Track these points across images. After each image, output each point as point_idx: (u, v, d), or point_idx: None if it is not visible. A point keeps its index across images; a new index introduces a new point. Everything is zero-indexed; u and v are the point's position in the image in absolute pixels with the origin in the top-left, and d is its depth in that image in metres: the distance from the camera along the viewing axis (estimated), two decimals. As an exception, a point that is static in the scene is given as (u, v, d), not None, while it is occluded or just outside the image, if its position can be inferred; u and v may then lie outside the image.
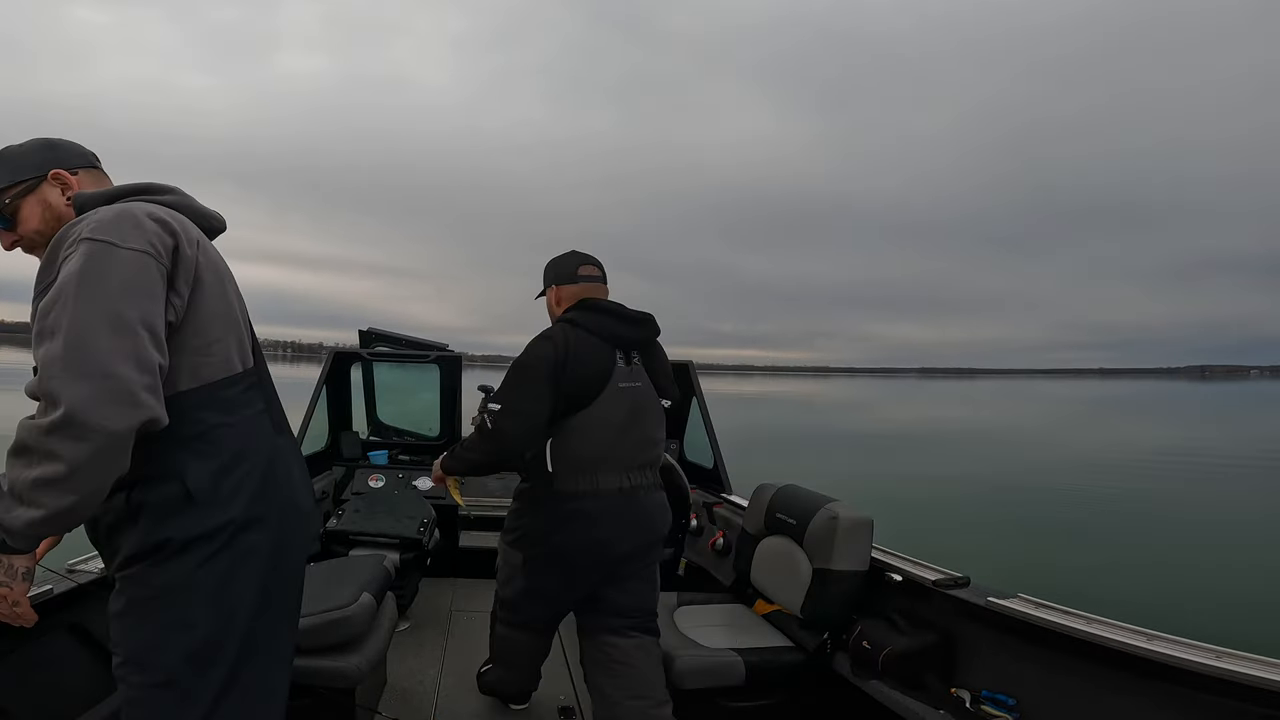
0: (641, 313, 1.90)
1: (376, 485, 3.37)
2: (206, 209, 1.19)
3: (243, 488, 1.04)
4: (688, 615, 2.31)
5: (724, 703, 2.01)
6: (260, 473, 1.08)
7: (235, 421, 1.07)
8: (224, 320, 1.10)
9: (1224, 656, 1.26)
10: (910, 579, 1.94)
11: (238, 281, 1.20)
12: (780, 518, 2.31)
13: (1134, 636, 1.39)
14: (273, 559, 1.08)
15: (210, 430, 1.03)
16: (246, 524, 1.04)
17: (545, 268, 2.02)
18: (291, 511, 1.14)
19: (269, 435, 1.14)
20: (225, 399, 1.06)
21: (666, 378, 1.94)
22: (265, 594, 1.07)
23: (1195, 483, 12.72)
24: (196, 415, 1.02)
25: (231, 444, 1.05)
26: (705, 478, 3.58)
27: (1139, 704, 1.36)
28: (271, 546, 1.08)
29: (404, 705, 2.29)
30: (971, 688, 1.70)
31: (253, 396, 1.13)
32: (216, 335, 1.07)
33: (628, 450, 1.82)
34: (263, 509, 1.07)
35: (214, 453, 1.02)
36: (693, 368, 3.86)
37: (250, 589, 1.04)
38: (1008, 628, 1.65)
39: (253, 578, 1.05)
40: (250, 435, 1.09)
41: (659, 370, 1.92)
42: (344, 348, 3.81)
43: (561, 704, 2.34)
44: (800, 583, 2.10)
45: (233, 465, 1.04)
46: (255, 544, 1.05)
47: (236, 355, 1.11)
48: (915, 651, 1.79)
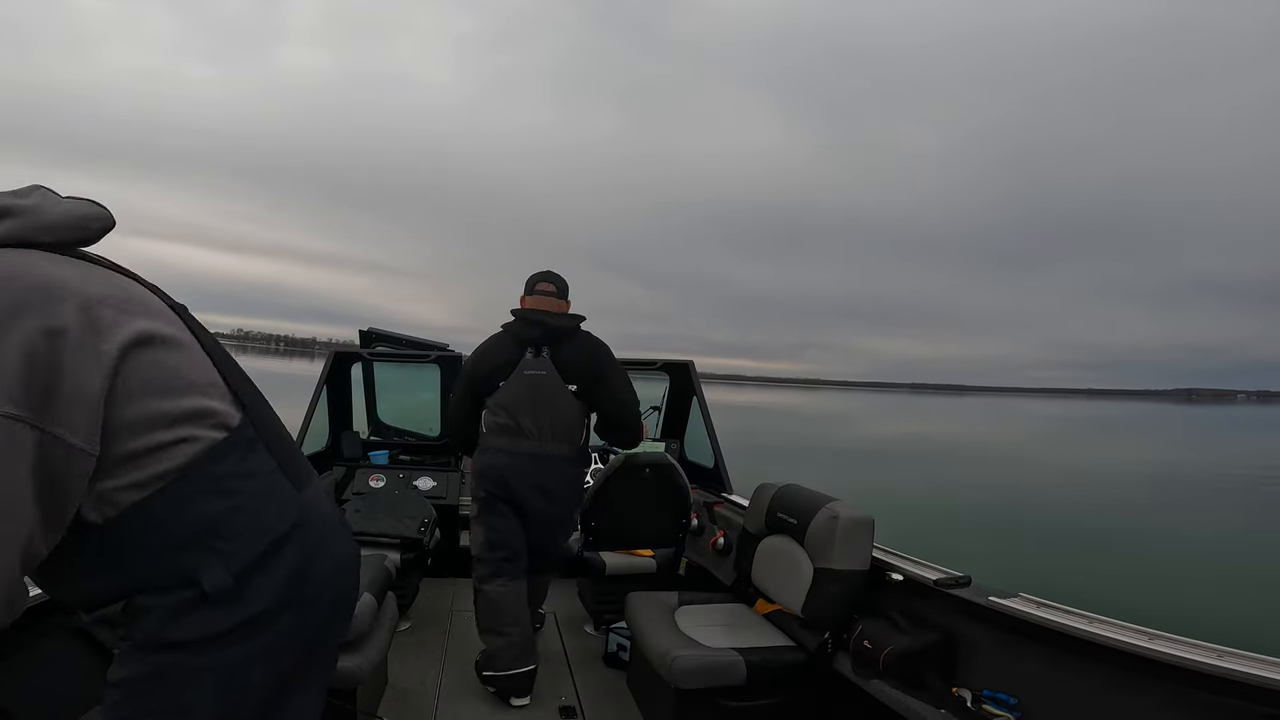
0: (544, 317, 2.38)
1: (377, 485, 3.37)
2: (74, 209, 0.81)
3: (274, 576, 0.85)
4: (688, 615, 2.31)
5: (725, 702, 2.01)
6: (293, 552, 0.87)
7: (244, 501, 0.84)
8: (180, 390, 0.80)
9: (1225, 656, 1.26)
10: (911, 578, 1.94)
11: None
12: (781, 517, 2.31)
13: (1135, 636, 1.39)
14: (306, 637, 0.90)
15: (215, 523, 0.81)
16: (278, 610, 0.85)
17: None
18: (329, 581, 0.94)
19: (291, 499, 0.90)
20: (219, 476, 0.82)
21: (572, 366, 2.38)
22: (289, 676, 0.89)
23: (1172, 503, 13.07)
24: (190, 512, 0.79)
25: (249, 529, 0.83)
26: (706, 477, 3.58)
27: (1140, 703, 1.36)
28: (306, 626, 0.89)
29: (404, 705, 2.29)
30: (973, 687, 1.70)
31: (256, 457, 0.87)
32: (176, 416, 0.79)
33: (537, 421, 2.37)
34: (298, 589, 0.87)
35: (231, 548, 0.81)
36: (693, 368, 3.86)
37: (273, 673, 0.87)
38: (1009, 627, 1.65)
39: (280, 661, 0.87)
40: (269, 509, 0.87)
41: (565, 360, 2.38)
42: (345, 347, 3.81)
43: (562, 704, 2.34)
44: (801, 582, 2.09)
45: (258, 556, 0.83)
46: (288, 626, 0.86)
47: (216, 418, 0.84)
48: (916, 651, 1.78)
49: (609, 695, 2.44)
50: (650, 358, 3.96)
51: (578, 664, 2.68)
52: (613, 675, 2.59)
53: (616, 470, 2.84)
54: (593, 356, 2.41)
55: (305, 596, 0.88)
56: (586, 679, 2.55)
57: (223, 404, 0.86)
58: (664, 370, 4.02)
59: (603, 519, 2.90)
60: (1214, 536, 10.12)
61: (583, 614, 3.11)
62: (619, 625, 2.68)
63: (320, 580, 0.91)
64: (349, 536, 1.03)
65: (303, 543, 0.89)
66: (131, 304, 0.78)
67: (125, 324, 0.75)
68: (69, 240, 0.79)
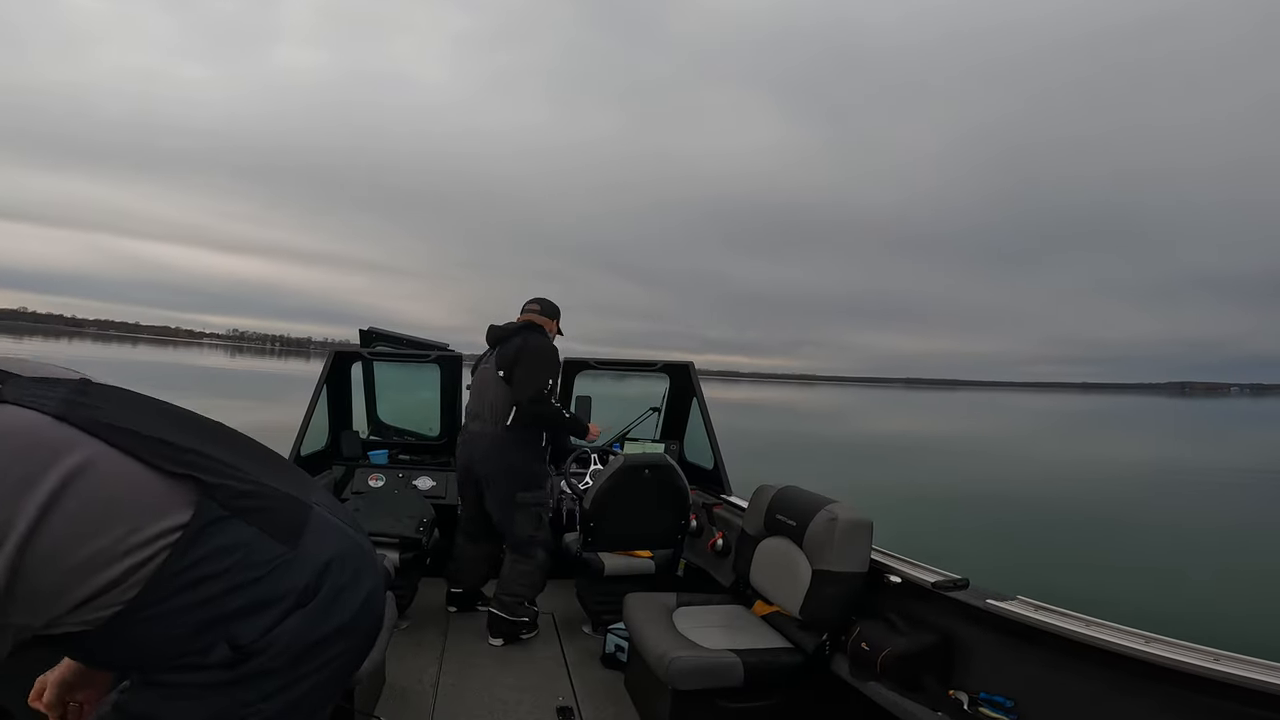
0: (498, 327, 3.02)
1: (376, 485, 3.38)
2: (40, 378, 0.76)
3: (304, 624, 0.81)
4: (687, 616, 2.32)
5: (723, 703, 2.01)
6: (319, 602, 0.83)
7: (243, 582, 0.78)
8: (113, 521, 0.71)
9: (1222, 659, 1.26)
10: (909, 581, 1.94)
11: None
12: (780, 519, 2.31)
13: (1132, 639, 1.39)
14: (334, 672, 0.87)
15: (224, 607, 0.76)
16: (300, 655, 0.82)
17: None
18: (353, 621, 0.89)
19: (282, 559, 0.82)
20: (198, 565, 0.76)
21: (504, 358, 2.89)
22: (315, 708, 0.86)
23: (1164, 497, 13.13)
24: (181, 605, 0.74)
25: (259, 606, 0.79)
26: (705, 478, 3.59)
27: (1137, 706, 1.36)
28: (330, 663, 0.86)
29: (402, 704, 2.29)
30: (970, 689, 1.70)
31: (230, 531, 0.79)
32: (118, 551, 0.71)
33: (479, 406, 2.99)
34: (319, 632, 0.83)
35: (251, 620, 0.77)
36: (693, 369, 3.86)
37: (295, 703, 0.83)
38: (1006, 630, 1.65)
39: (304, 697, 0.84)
40: (272, 579, 0.81)
41: (500, 355, 2.92)
42: (345, 347, 3.81)
43: (560, 704, 2.34)
44: (799, 584, 2.10)
45: (280, 617, 0.80)
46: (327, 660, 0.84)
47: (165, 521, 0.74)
48: (914, 653, 1.78)
49: (607, 696, 2.44)
50: (650, 359, 3.97)
51: (575, 664, 2.68)
52: (611, 676, 2.59)
53: (616, 471, 2.84)
54: (519, 348, 2.87)
55: (331, 635, 0.85)
56: (584, 680, 2.55)
57: (168, 504, 0.75)
58: (664, 371, 4.02)
59: (602, 520, 2.90)
60: (1206, 531, 10.13)
61: (581, 615, 3.11)
62: (617, 626, 2.68)
63: (347, 624, 0.87)
64: (373, 576, 0.95)
65: (322, 593, 0.84)
66: (29, 452, 0.68)
67: (34, 482, 0.66)
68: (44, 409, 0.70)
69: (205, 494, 0.78)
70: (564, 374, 3.97)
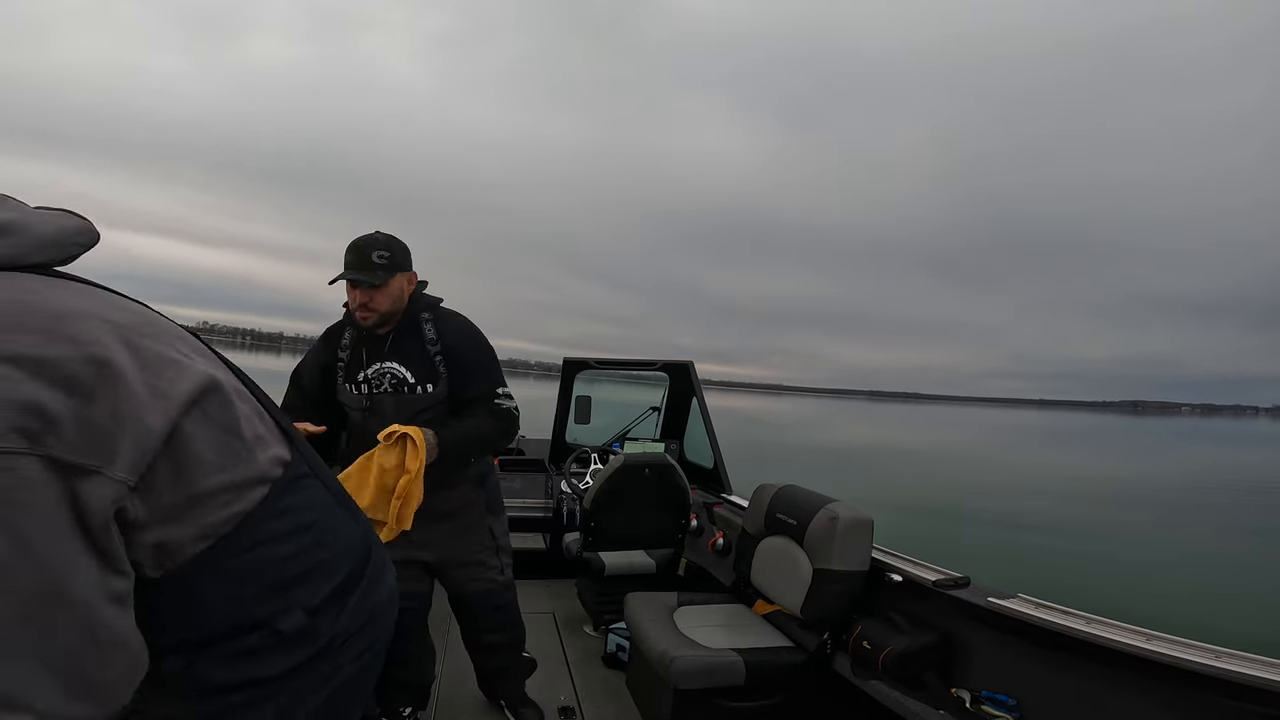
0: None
1: None
2: (58, 223, 0.68)
3: (344, 608, 0.81)
4: (688, 615, 2.32)
5: (724, 703, 2.01)
6: (362, 585, 0.84)
7: (307, 544, 0.78)
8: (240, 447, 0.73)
9: (1223, 656, 1.27)
10: (910, 579, 1.94)
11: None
12: (780, 518, 2.31)
13: (1134, 637, 1.39)
14: (362, 666, 0.86)
15: (285, 567, 0.76)
16: (344, 640, 0.81)
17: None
18: (386, 610, 0.91)
19: (353, 530, 0.87)
20: (281, 519, 0.77)
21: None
22: (340, 705, 0.85)
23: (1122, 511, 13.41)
24: (258, 558, 0.73)
25: (317, 574, 0.79)
26: (705, 478, 3.59)
27: (1139, 704, 1.36)
28: (364, 654, 0.86)
29: None
30: (971, 688, 1.70)
31: (312, 492, 0.82)
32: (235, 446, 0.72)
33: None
34: (363, 620, 0.84)
35: (305, 592, 0.77)
36: (693, 369, 3.86)
37: (326, 699, 0.82)
38: (1008, 628, 1.65)
39: (333, 690, 0.82)
40: (335, 549, 0.82)
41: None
42: None
43: (561, 704, 2.34)
44: (800, 583, 2.10)
45: (329, 596, 0.79)
46: (352, 655, 0.83)
47: (273, 460, 0.77)
48: (915, 651, 1.79)
49: (608, 696, 2.44)
50: (650, 359, 3.98)
51: (577, 664, 2.68)
52: (612, 676, 2.59)
53: (616, 471, 2.84)
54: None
55: (366, 627, 0.84)
56: (586, 679, 2.55)
57: (275, 443, 0.78)
58: (663, 371, 4.02)
59: (602, 519, 2.90)
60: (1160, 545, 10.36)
61: (582, 614, 3.11)
62: (618, 626, 2.69)
63: (379, 610, 0.88)
64: (392, 568, 0.97)
65: (367, 576, 0.86)
66: (169, 337, 0.68)
67: (181, 366, 0.66)
68: (55, 260, 0.67)
69: (295, 449, 0.81)
70: (564, 374, 3.97)
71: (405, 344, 1.86)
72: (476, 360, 1.89)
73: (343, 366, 1.90)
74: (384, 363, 1.85)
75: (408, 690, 2.09)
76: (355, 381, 1.87)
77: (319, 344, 1.97)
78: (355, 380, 1.87)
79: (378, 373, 1.85)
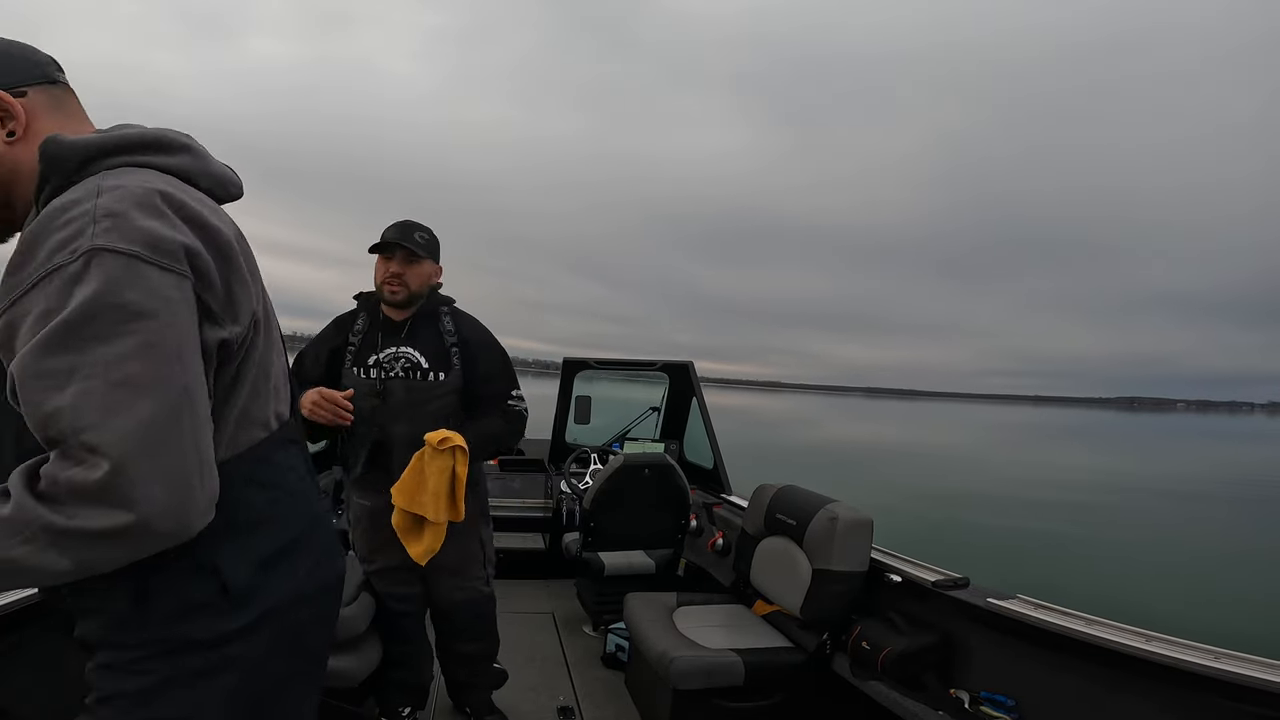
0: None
1: None
2: (224, 170, 0.84)
3: (286, 573, 0.82)
4: (687, 615, 2.32)
5: (723, 703, 2.01)
6: (306, 551, 0.86)
7: (280, 496, 0.83)
8: (272, 355, 0.84)
9: (1221, 657, 1.27)
10: (910, 580, 1.94)
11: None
12: (780, 518, 2.31)
13: (1133, 638, 1.39)
14: (307, 637, 0.88)
15: (251, 512, 0.79)
16: (286, 608, 0.83)
17: None
18: (332, 583, 0.93)
19: (313, 498, 0.91)
20: (269, 467, 0.82)
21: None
22: (287, 676, 0.86)
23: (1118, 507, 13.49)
24: (235, 496, 0.75)
25: (277, 526, 0.82)
26: (705, 478, 3.59)
27: (1138, 705, 1.37)
28: (307, 625, 0.87)
29: None
30: (971, 688, 1.70)
31: (294, 455, 0.88)
32: (263, 384, 0.81)
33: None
34: (304, 587, 0.86)
35: (255, 542, 0.79)
36: (692, 369, 3.86)
37: (274, 672, 0.83)
38: (1007, 629, 1.65)
39: (281, 660, 0.83)
40: (297, 507, 0.86)
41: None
42: None
43: (561, 704, 2.34)
44: (800, 583, 2.10)
45: (278, 552, 0.81)
46: (292, 624, 0.84)
47: (279, 410, 0.85)
48: (914, 652, 1.79)
49: (607, 696, 2.44)
50: (649, 359, 3.98)
51: (576, 664, 2.68)
52: (611, 676, 2.59)
53: (616, 471, 2.84)
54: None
55: (309, 595, 0.86)
56: (585, 679, 2.55)
57: (283, 402, 0.87)
58: (663, 371, 4.02)
59: (602, 519, 2.90)
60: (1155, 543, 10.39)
61: (581, 614, 3.11)
62: (618, 626, 2.68)
63: (323, 580, 0.90)
64: (340, 545, 1.00)
65: (314, 542, 0.89)
66: (257, 269, 0.83)
67: (256, 274, 0.81)
68: (214, 194, 0.82)
69: (292, 415, 0.90)
70: (564, 374, 3.97)
71: (422, 331, 1.88)
72: (495, 361, 1.94)
73: (353, 350, 1.90)
74: (400, 346, 1.86)
75: (406, 690, 2.09)
76: (365, 365, 1.86)
77: (329, 328, 1.97)
78: (365, 364, 1.86)
79: (390, 356, 1.85)
